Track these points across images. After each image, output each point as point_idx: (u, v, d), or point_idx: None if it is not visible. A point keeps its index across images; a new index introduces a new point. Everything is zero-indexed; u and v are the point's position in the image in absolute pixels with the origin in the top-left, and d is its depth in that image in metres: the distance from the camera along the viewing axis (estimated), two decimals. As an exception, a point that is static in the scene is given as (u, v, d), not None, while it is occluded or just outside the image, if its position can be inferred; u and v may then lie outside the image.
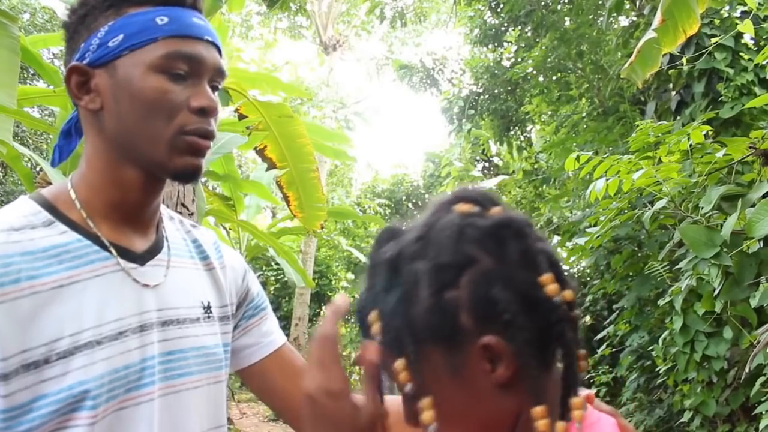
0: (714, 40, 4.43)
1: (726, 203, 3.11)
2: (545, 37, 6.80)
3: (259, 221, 9.04)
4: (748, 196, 2.86)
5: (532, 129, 9.10)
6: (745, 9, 4.56)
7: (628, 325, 5.20)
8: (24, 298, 0.76)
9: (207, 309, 0.96)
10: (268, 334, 1.07)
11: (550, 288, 0.57)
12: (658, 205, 3.26)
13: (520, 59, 7.50)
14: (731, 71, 4.41)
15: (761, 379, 3.14)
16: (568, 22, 6.91)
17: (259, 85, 4.36)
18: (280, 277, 11.03)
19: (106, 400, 0.79)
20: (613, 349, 5.70)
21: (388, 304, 0.60)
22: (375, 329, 0.61)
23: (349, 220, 12.60)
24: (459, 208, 0.62)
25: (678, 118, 4.74)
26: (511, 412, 0.57)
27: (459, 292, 0.57)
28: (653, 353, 4.43)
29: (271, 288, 12.01)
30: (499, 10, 7.46)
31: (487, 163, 11.74)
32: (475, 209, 0.62)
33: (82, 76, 0.86)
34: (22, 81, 7.39)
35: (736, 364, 3.72)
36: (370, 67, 17.40)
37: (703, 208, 2.98)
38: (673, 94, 4.94)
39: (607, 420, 0.65)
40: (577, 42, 6.53)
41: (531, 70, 7.26)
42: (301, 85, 13.10)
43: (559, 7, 6.95)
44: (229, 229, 6.11)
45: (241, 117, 3.46)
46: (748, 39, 4.65)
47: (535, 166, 8.80)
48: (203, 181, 4.75)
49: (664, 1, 3.02)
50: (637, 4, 5.65)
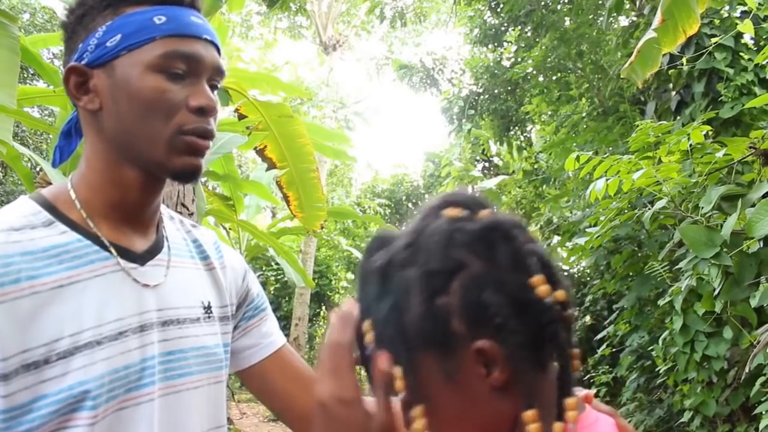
0: (714, 40, 4.43)
1: (726, 203, 3.11)
2: (545, 37, 6.79)
3: (259, 221, 9.04)
4: (748, 196, 2.85)
5: (532, 129, 9.10)
6: (745, 9, 4.56)
7: (628, 325, 5.20)
8: (24, 298, 0.76)
9: (207, 309, 0.95)
10: (268, 335, 1.07)
11: (541, 289, 0.57)
12: (658, 205, 3.26)
13: (520, 59, 7.49)
14: (731, 71, 4.41)
15: (761, 379, 3.14)
16: (568, 22, 6.91)
17: (259, 85, 4.36)
18: (280, 277, 11.03)
19: (106, 400, 0.79)
20: (613, 349, 5.71)
21: (380, 313, 0.60)
22: (369, 338, 0.62)
23: (349, 220, 12.61)
24: (447, 212, 0.62)
25: (678, 118, 4.74)
26: (509, 415, 0.57)
27: (450, 297, 0.57)
28: (653, 353, 4.43)
29: (271, 288, 12.00)
30: (499, 10, 7.45)
31: (487, 163, 11.74)
32: (463, 213, 0.61)
33: (80, 76, 0.86)
34: (22, 81, 7.39)
35: (736, 364, 3.72)
36: (370, 67, 17.41)
37: (703, 208, 2.98)
38: (673, 94, 4.94)
39: (605, 420, 0.65)
40: (577, 42, 6.52)
41: (531, 70, 7.25)
42: (301, 85, 13.10)
43: (559, 7, 6.94)
44: (229, 229, 6.10)
45: (241, 117, 3.46)
46: (748, 39, 4.65)
47: (535, 166, 8.80)
48: (203, 181, 4.74)
49: (664, 1, 3.02)
50: (637, 4, 5.65)
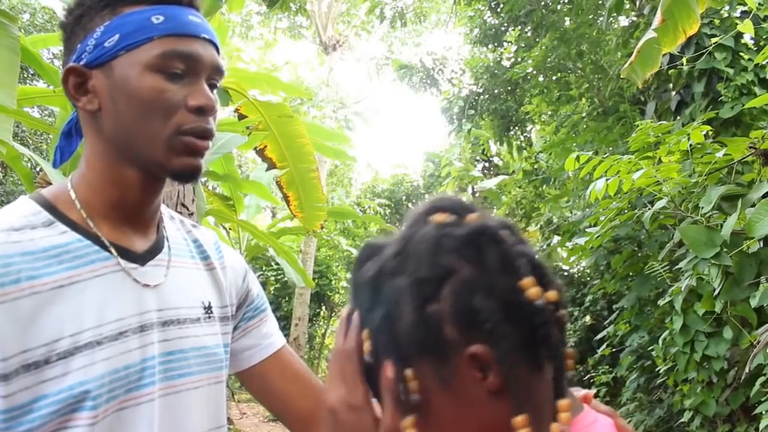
0: (714, 40, 4.43)
1: (726, 203, 3.11)
2: (545, 37, 6.79)
3: (259, 221, 9.04)
4: (748, 196, 2.85)
5: (532, 129, 9.10)
6: (745, 9, 4.56)
7: (628, 325, 5.20)
8: (24, 298, 0.76)
9: (208, 309, 0.95)
10: (268, 336, 1.07)
11: (532, 292, 0.57)
12: (658, 205, 3.26)
13: (520, 59, 7.49)
14: (731, 71, 4.41)
15: (761, 379, 3.14)
16: (568, 22, 6.90)
17: (259, 85, 4.36)
18: (280, 277, 11.02)
19: (107, 400, 0.79)
20: (613, 349, 5.71)
21: (374, 323, 0.61)
22: (366, 347, 0.62)
23: (349, 220, 12.60)
24: (435, 218, 0.62)
25: (678, 118, 4.73)
26: (506, 417, 0.57)
27: (441, 304, 0.57)
28: (653, 353, 4.43)
29: (271, 288, 12.00)
30: (499, 10, 7.45)
31: (487, 163, 11.74)
32: (451, 218, 0.61)
33: (79, 77, 0.86)
34: (22, 81, 7.38)
35: (736, 364, 3.72)
36: (370, 67, 17.40)
37: (703, 208, 2.98)
38: (673, 94, 4.94)
39: (604, 421, 0.65)
40: (577, 42, 6.52)
41: (531, 70, 7.25)
42: (301, 85, 13.09)
43: (559, 7, 6.94)
44: (229, 229, 6.10)
45: (241, 117, 3.46)
46: (748, 39, 4.65)
47: (535, 166, 8.80)
48: (203, 181, 4.74)
49: (664, 1, 3.02)
50: (637, 4, 5.65)
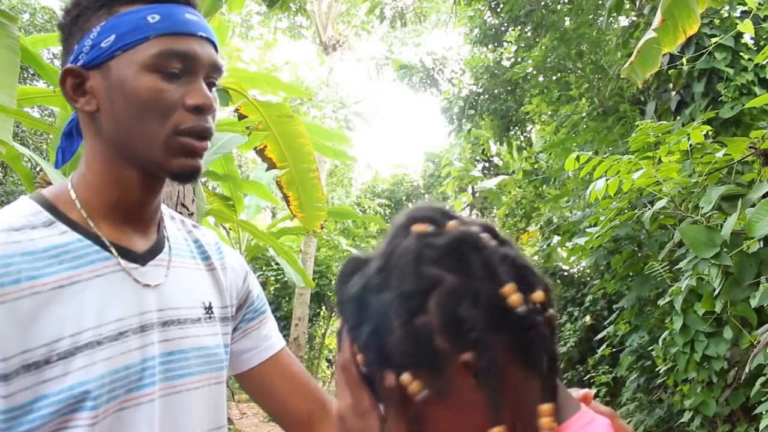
0: (714, 40, 4.43)
1: (726, 203, 3.11)
2: (545, 37, 6.79)
3: (259, 221, 9.04)
4: (748, 196, 2.85)
5: (532, 129, 9.10)
6: (745, 9, 4.56)
7: (628, 325, 5.20)
8: (24, 298, 0.76)
9: (208, 309, 0.95)
10: (268, 338, 1.07)
11: (513, 299, 0.57)
12: (658, 205, 3.26)
13: (520, 59, 7.49)
14: (731, 71, 4.41)
15: (761, 379, 3.15)
16: (568, 22, 6.91)
17: (259, 85, 4.36)
18: (280, 277, 11.01)
19: (107, 400, 0.79)
20: (613, 349, 5.71)
21: (361, 339, 0.61)
22: (360, 360, 0.62)
23: (349, 220, 12.60)
24: (415, 229, 0.62)
25: (678, 118, 4.73)
26: (507, 420, 0.58)
27: (429, 316, 0.57)
28: (653, 353, 4.44)
29: (271, 288, 11.99)
30: (499, 10, 7.45)
31: (487, 163, 11.74)
32: (430, 228, 0.61)
33: (76, 78, 0.85)
34: (22, 81, 7.38)
35: (736, 364, 3.72)
36: (370, 67, 17.40)
37: (703, 208, 2.98)
38: (673, 94, 4.94)
39: (601, 421, 0.65)
40: (577, 42, 6.52)
41: (531, 70, 7.25)
42: (301, 85, 13.09)
43: (559, 7, 6.94)
44: (229, 229, 6.10)
45: (241, 117, 3.46)
46: (748, 39, 4.65)
47: (535, 166, 8.80)
48: (203, 181, 4.74)
49: (664, 1, 3.01)
50: (637, 4, 5.65)
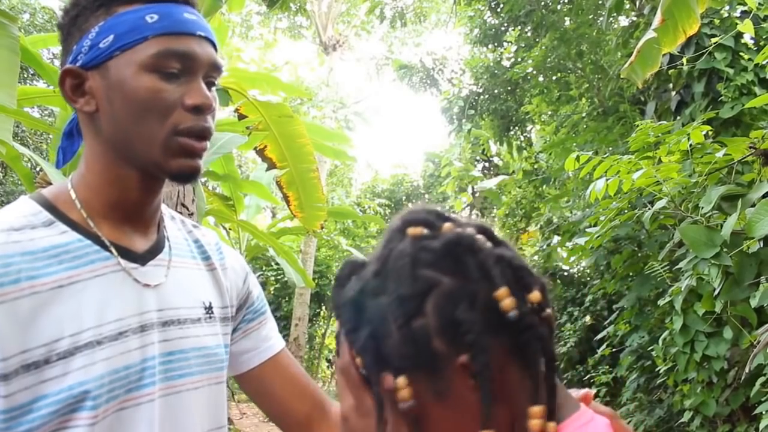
0: (714, 40, 4.43)
1: (726, 203, 3.11)
2: (545, 37, 6.79)
3: (259, 221, 9.04)
4: (748, 196, 2.85)
5: (532, 129, 9.10)
6: (745, 9, 4.55)
7: (628, 325, 5.20)
8: (24, 298, 0.76)
9: (208, 309, 0.95)
10: (267, 338, 1.07)
11: (505, 303, 0.57)
12: (658, 205, 3.26)
13: (520, 59, 7.49)
14: (731, 71, 4.41)
15: (761, 379, 3.15)
16: (568, 22, 6.90)
17: (259, 85, 4.36)
18: (280, 277, 11.01)
19: (107, 400, 0.79)
20: (613, 349, 5.71)
21: (360, 342, 0.61)
22: (359, 363, 0.62)
23: (349, 220, 12.60)
24: (410, 232, 0.62)
25: (678, 118, 4.73)
26: (505, 421, 0.58)
27: (426, 319, 0.58)
28: (653, 353, 4.43)
29: (271, 288, 11.99)
30: (499, 10, 7.45)
31: (487, 163, 11.74)
32: (425, 231, 0.62)
33: (75, 78, 0.85)
34: (22, 81, 7.38)
35: (736, 364, 3.72)
36: (370, 67, 17.39)
37: (703, 208, 2.98)
38: (673, 94, 4.94)
39: (601, 420, 0.65)
40: (577, 42, 6.52)
41: (531, 70, 7.25)
42: (301, 85, 13.08)
43: (559, 7, 6.94)
44: (229, 229, 6.10)
45: (241, 117, 3.45)
46: (748, 39, 4.65)
47: (535, 166, 8.80)
48: (203, 181, 4.74)
49: (664, 1, 3.01)
50: (637, 4, 5.64)
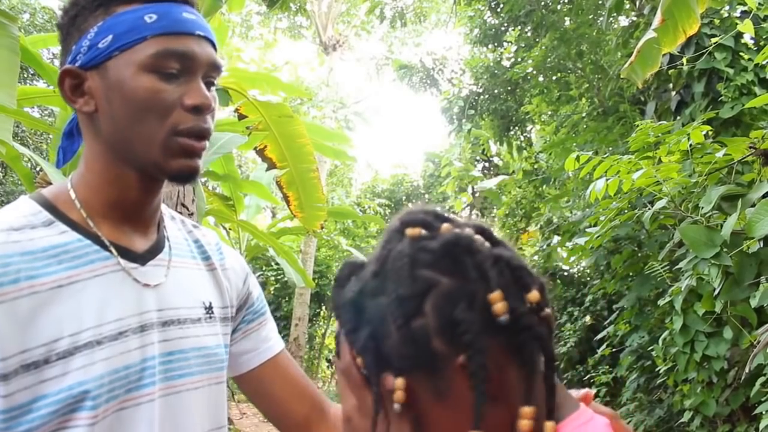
0: (714, 40, 4.43)
1: (726, 203, 3.10)
2: (545, 37, 6.79)
3: (259, 221, 9.04)
4: (748, 196, 2.85)
5: (532, 129, 9.09)
6: (745, 9, 4.55)
7: (628, 325, 5.20)
8: (23, 298, 0.76)
9: (208, 309, 0.95)
10: (267, 339, 1.06)
11: (497, 307, 0.57)
12: (658, 205, 3.26)
13: (520, 59, 7.49)
14: (731, 71, 4.41)
15: (761, 379, 3.14)
16: (568, 22, 6.90)
17: (259, 85, 4.36)
18: (280, 277, 11.01)
19: (106, 400, 0.79)
20: (613, 349, 5.71)
21: (360, 343, 0.61)
22: (359, 363, 0.62)
23: (349, 220, 12.60)
24: (408, 233, 0.62)
25: (678, 118, 4.73)
26: (505, 421, 0.58)
27: (425, 319, 0.58)
28: (653, 353, 4.43)
29: (271, 288, 11.99)
30: (499, 10, 7.45)
31: (487, 163, 11.74)
32: (424, 232, 0.62)
33: (75, 78, 0.85)
34: (22, 81, 7.38)
35: (736, 364, 3.72)
36: (370, 67, 17.38)
37: (703, 208, 2.97)
38: (673, 94, 4.94)
39: (600, 420, 0.65)
40: (577, 42, 6.52)
41: (531, 70, 7.25)
42: (301, 85, 13.08)
43: (559, 7, 6.94)
44: (229, 229, 6.10)
45: (241, 117, 3.45)
46: (748, 39, 4.65)
47: (535, 166, 8.80)
48: (203, 181, 4.74)
49: (664, 1, 3.01)
50: (637, 4, 5.64)
